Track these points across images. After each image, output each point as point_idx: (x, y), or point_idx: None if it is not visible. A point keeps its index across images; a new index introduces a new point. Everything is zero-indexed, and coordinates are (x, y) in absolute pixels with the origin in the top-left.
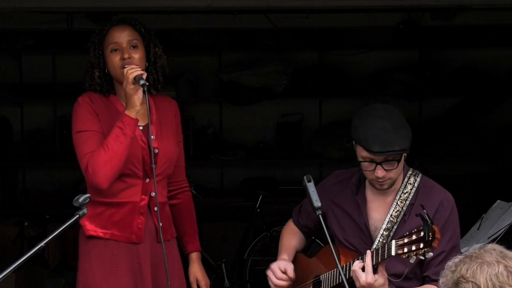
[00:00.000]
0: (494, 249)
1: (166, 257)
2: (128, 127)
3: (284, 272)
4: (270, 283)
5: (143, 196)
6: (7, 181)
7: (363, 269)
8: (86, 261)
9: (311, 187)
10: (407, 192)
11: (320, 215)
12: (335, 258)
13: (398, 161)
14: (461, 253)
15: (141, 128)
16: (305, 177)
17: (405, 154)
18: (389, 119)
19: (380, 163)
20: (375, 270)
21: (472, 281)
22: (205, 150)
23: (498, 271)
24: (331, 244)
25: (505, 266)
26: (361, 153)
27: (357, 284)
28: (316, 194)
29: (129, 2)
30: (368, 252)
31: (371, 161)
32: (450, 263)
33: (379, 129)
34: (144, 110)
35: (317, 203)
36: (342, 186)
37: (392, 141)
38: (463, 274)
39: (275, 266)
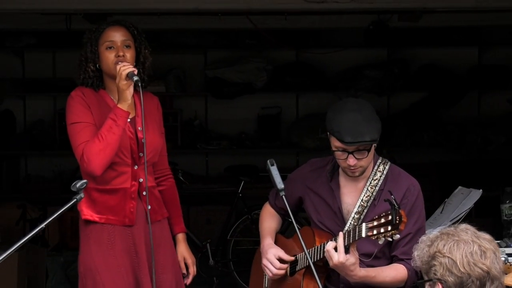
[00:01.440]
0: (468, 229)
1: (159, 235)
2: (120, 118)
3: (280, 259)
4: (267, 272)
5: (133, 182)
6: (11, 168)
7: (336, 249)
8: (85, 244)
9: (274, 170)
10: (376, 178)
11: (283, 197)
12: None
13: (368, 150)
14: (425, 234)
15: (129, 120)
16: (268, 161)
17: (375, 144)
18: (361, 112)
19: (351, 153)
20: (346, 250)
21: (448, 257)
22: (191, 140)
23: (473, 249)
24: (297, 229)
25: (479, 246)
26: (335, 143)
27: (330, 263)
28: (279, 177)
29: (122, 4)
30: (341, 234)
31: (344, 150)
32: (424, 238)
33: (351, 121)
34: (132, 104)
35: (280, 185)
36: (317, 173)
37: (363, 133)
38: (440, 249)
39: (271, 256)
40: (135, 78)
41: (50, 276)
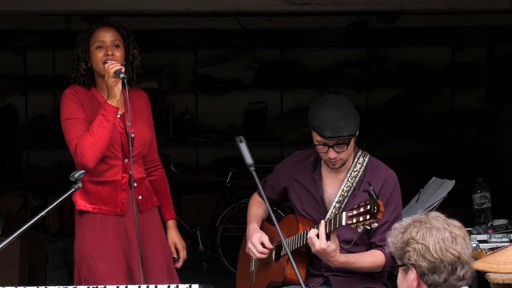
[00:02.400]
0: (439, 217)
1: (150, 223)
2: (110, 114)
3: (262, 244)
4: (251, 254)
5: (123, 175)
6: (13, 159)
7: (318, 236)
8: (80, 232)
9: (242, 147)
10: (356, 170)
11: (253, 171)
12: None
13: (348, 144)
14: (398, 222)
15: (118, 116)
16: (237, 138)
17: (354, 138)
18: (340, 109)
19: (332, 146)
20: (328, 238)
21: (422, 243)
22: (183, 133)
23: (444, 236)
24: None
25: (450, 232)
26: (316, 137)
27: (313, 249)
28: (248, 153)
29: (118, 6)
30: (322, 222)
31: (324, 144)
32: (397, 225)
33: (331, 117)
34: (121, 100)
35: (248, 160)
36: (301, 165)
37: (342, 128)
38: (413, 236)
39: (255, 239)
40: (122, 75)
41: (50, 261)
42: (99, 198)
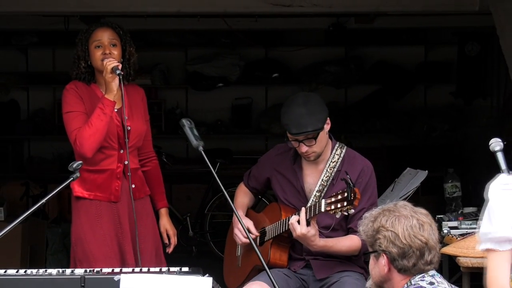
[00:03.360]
0: (406, 205)
1: (141, 211)
2: (107, 107)
3: (248, 230)
4: (237, 240)
5: (118, 164)
6: (16, 150)
7: (299, 222)
8: (76, 217)
9: (187, 130)
10: (335, 161)
11: (202, 151)
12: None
13: (315, 138)
14: (368, 211)
15: (115, 110)
16: (180, 121)
17: (321, 132)
18: (306, 106)
19: (301, 141)
20: (308, 224)
21: (391, 230)
22: (174, 126)
23: (412, 223)
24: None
25: (417, 220)
26: (287, 133)
27: (294, 234)
28: (192, 135)
29: (114, 8)
30: (303, 209)
31: (295, 140)
32: (367, 214)
33: (297, 114)
34: (119, 95)
35: (193, 142)
36: (283, 157)
37: (306, 124)
38: (383, 224)
39: (240, 226)
40: (118, 71)
41: (49, 245)
42: (95, 185)
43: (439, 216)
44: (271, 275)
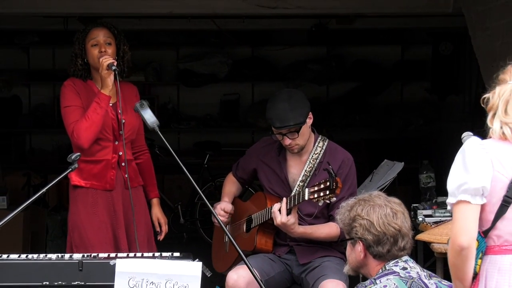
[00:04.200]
0: (380, 195)
1: (134, 199)
2: (103, 101)
3: (224, 210)
4: (214, 220)
5: (113, 155)
6: (18, 143)
7: (280, 211)
8: (74, 204)
9: (144, 114)
10: (317, 153)
11: (158, 131)
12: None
13: (298, 131)
14: (345, 201)
15: (111, 104)
16: (141, 101)
17: (303, 126)
18: (289, 102)
19: (285, 134)
20: (289, 212)
21: (367, 219)
22: (166, 120)
23: (386, 212)
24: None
25: (391, 209)
26: (272, 127)
27: (275, 222)
28: (144, 116)
29: (110, 9)
30: (284, 199)
31: (279, 133)
32: (344, 204)
33: (280, 109)
34: (114, 91)
35: (149, 122)
36: (268, 149)
37: (288, 118)
38: (359, 213)
39: (218, 207)
40: (113, 67)
41: (49, 231)
42: (91, 174)
43: (414, 205)
44: (248, 262)
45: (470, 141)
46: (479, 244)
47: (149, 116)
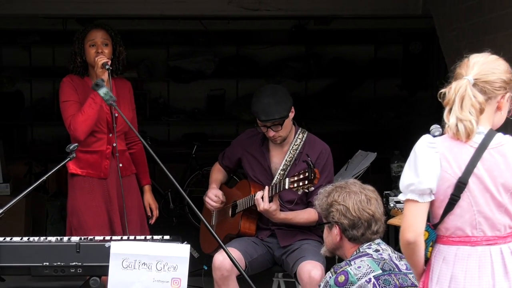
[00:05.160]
0: (356, 183)
1: (128, 187)
2: (97, 97)
3: (217, 197)
4: (208, 206)
5: (108, 146)
6: (20, 134)
7: (263, 198)
8: (72, 191)
9: (97, 90)
10: (297, 144)
11: (116, 106)
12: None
13: (282, 125)
14: (323, 188)
15: None
16: (93, 84)
17: (288, 119)
18: (273, 97)
19: (269, 127)
20: (271, 200)
21: (343, 204)
22: (157, 113)
23: (361, 198)
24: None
25: (366, 195)
26: (257, 120)
27: (258, 209)
28: (106, 94)
29: (106, 11)
30: (266, 188)
31: (264, 126)
32: (322, 190)
33: (265, 104)
34: (109, 87)
35: (104, 100)
36: (252, 140)
37: (273, 113)
38: (335, 199)
39: (210, 194)
40: (107, 66)
41: (49, 216)
42: (87, 164)
43: (386, 192)
44: (227, 250)
45: (421, 140)
46: (429, 234)
47: (103, 94)
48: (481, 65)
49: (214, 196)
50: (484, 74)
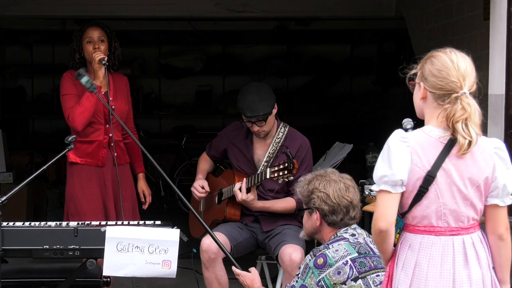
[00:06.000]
0: (334, 172)
1: (121, 175)
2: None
3: (202, 187)
4: (194, 195)
5: (105, 136)
6: (22, 127)
7: (241, 189)
8: (70, 179)
9: (79, 80)
10: (279, 137)
11: (97, 94)
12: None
13: (265, 120)
14: (303, 176)
15: (103, 93)
16: (75, 74)
17: (271, 116)
18: (257, 94)
19: (254, 122)
20: (248, 190)
21: (324, 191)
22: (149, 108)
23: (340, 186)
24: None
25: (344, 183)
26: (242, 116)
27: (237, 199)
28: (82, 83)
29: (102, 13)
30: (244, 179)
31: (248, 121)
32: (302, 179)
33: (250, 101)
34: (105, 81)
35: (86, 88)
36: (237, 133)
37: (258, 109)
38: (316, 186)
39: (196, 185)
40: (103, 62)
41: (49, 203)
42: (85, 153)
43: (362, 180)
44: (213, 234)
45: (394, 134)
46: (397, 222)
47: (84, 82)
48: (470, 75)
49: (200, 187)
50: (473, 84)
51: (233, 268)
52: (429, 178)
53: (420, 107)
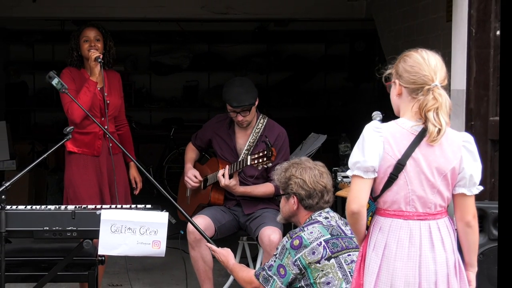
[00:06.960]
0: (308, 160)
1: (116, 163)
2: (91, 86)
3: (195, 177)
4: (187, 185)
5: (100, 128)
6: (25, 118)
7: (224, 175)
8: (68, 167)
9: (50, 81)
10: (259, 128)
11: (68, 93)
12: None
13: (249, 111)
14: (280, 164)
15: (98, 88)
16: (46, 76)
17: (254, 107)
18: (242, 87)
19: (238, 112)
20: (231, 176)
21: (300, 178)
22: (141, 101)
23: (315, 172)
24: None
25: (318, 170)
26: (228, 107)
27: (220, 184)
28: (52, 84)
29: (97, 14)
30: (227, 166)
31: (233, 111)
32: (279, 167)
33: (236, 92)
34: (101, 78)
35: (57, 88)
36: (221, 124)
37: (243, 100)
38: (293, 173)
39: (190, 175)
40: (99, 60)
41: (49, 188)
42: (83, 143)
43: (335, 168)
44: (193, 221)
45: (369, 125)
46: (370, 206)
47: (55, 83)
48: (440, 70)
49: (193, 177)
50: (443, 79)
51: (208, 244)
52: (399, 166)
53: (396, 104)
